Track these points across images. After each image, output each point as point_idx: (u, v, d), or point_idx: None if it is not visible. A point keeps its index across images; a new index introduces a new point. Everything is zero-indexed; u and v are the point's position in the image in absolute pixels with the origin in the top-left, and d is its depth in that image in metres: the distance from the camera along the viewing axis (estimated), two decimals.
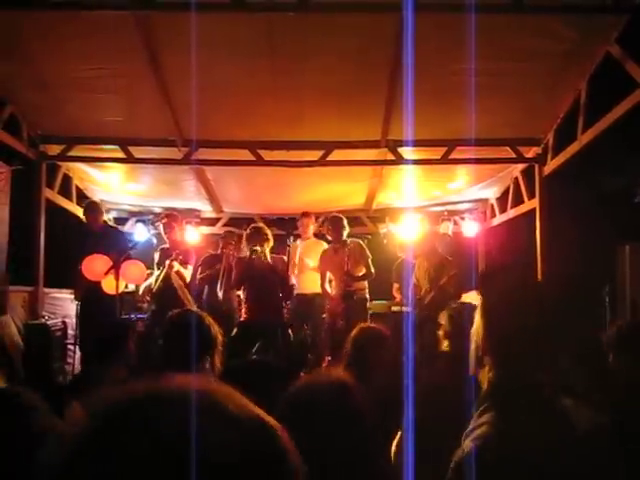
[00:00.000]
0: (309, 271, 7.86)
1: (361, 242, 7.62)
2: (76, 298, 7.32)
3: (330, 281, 7.63)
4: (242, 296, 6.96)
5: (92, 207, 7.66)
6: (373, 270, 7.47)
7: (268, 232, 6.90)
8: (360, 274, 7.37)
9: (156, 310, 6.98)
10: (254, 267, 6.65)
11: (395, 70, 6.24)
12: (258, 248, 6.62)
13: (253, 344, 6.55)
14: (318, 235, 8.47)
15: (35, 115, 7.39)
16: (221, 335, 3.37)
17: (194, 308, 6.38)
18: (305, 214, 8.27)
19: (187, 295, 6.90)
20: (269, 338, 6.36)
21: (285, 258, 7.04)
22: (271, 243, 6.90)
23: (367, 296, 7.48)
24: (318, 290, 7.66)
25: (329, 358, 6.94)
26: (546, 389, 1.60)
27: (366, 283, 7.52)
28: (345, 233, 7.47)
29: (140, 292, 7.59)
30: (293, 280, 7.54)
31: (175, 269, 6.94)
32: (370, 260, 7.46)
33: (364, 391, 1.77)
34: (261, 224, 7.09)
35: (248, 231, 6.99)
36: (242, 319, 6.81)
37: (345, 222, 7.51)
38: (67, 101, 6.96)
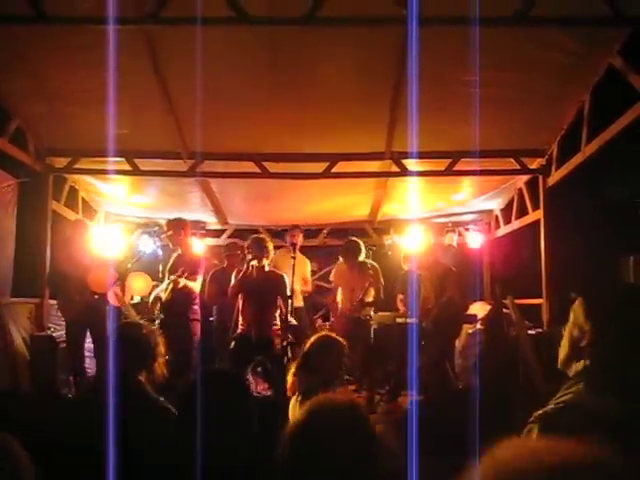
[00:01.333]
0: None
1: (376, 265, 7.67)
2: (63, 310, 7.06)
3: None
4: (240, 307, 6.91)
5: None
6: (382, 296, 7.56)
7: (269, 244, 6.72)
8: (369, 299, 7.43)
9: (164, 319, 7.01)
10: (252, 279, 6.59)
11: (399, 82, 6.27)
12: (255, 262, 6.54)
13: (251, 357, 6.54)
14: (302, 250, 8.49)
15: (41, 128, 7.44)
16: (163, 346, 3.37)
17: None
18: (297, 226, 8.33)
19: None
20: (266, 352, 6.36)
21: (285, 275, 6.93)
22: (272, 255, 6.77)
23: (371, 314, 7.53)
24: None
25: None
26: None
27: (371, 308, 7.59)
28: (361, 257, 7.53)
29: (150, 301, 7.57)
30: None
31: (181, 285, 6.87)
32: (382, 286, 7.54)
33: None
34: (262, 235, 7.01)
35: (249, 241, 6.90)
36: (238, 332, 6.75)
37: (361, 246, 7.55)
38: (73, 114, 7.00)
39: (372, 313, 7.53)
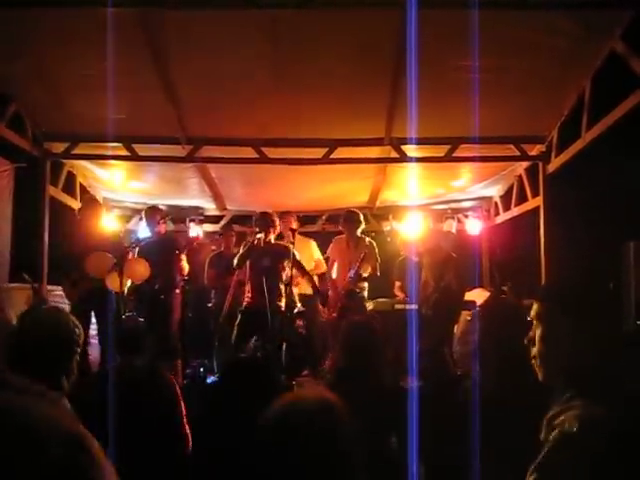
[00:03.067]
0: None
1: (373, 242, 7.64)
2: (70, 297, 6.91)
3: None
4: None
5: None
6: (378, 272, 7.53)
7: (275, 218, 6.92)
8: (365, 274, 7.39)
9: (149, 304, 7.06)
10: (258, 251, 6.69)
11: (398, 67, 6.23)
12: (262, 235, 6.68)
13: (252, 332, 6.64)
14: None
15: (39, 113, 7.40)
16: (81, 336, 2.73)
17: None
18: (287, 213, 8.20)
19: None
20: (268, 327, 6.43)
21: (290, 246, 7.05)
22: (278, 229, 6.95)
23: (365, 294, 7.52)
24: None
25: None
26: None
27: (365, 282, 7.55)
28: (360, 230, 7.50)
29: (125, 291, 7.54)
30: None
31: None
32: (378, 262, 7.51)
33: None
34: (269, 210, 7.12)
35: (256, 216, 7.10)
36: (245, 304, 6.85)
37: (361, 217, 7.54)
38: (71, 99, 6.96)
39: (365, 293, 7.51)
